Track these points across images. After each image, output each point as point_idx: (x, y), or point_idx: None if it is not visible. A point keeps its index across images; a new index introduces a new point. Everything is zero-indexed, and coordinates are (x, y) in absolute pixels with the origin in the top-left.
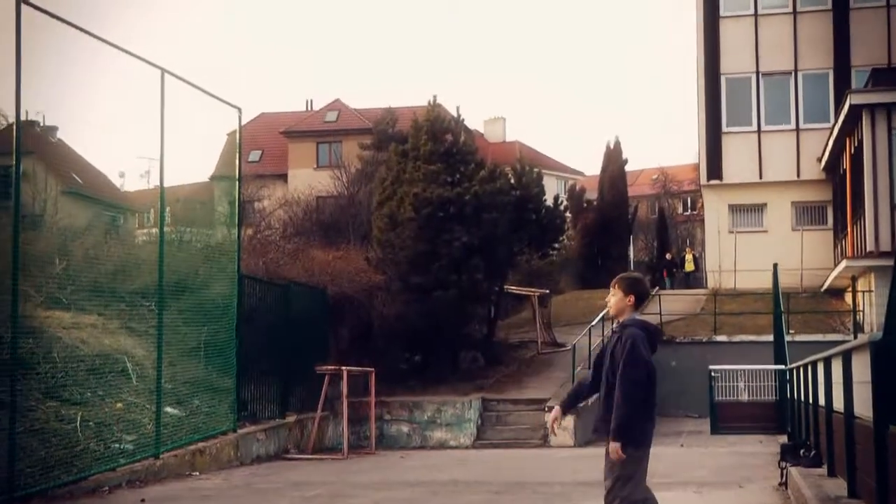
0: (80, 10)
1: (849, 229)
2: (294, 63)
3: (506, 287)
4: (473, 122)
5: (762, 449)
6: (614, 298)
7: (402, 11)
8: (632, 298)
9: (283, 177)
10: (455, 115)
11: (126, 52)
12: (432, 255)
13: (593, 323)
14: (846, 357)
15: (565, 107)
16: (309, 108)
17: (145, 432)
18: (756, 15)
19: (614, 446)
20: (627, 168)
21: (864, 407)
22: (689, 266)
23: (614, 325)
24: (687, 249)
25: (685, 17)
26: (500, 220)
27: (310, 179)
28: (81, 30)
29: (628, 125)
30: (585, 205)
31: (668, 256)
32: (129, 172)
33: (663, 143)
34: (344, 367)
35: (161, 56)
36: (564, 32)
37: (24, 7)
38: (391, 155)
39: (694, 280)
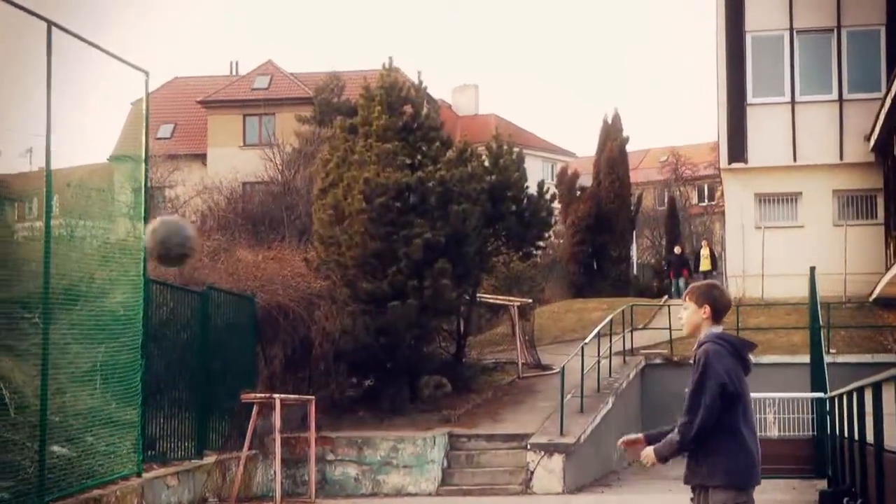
0: None
1: None
2: (216, 16)
3: (479, 296)
4: (439, 90)
5: (796, 497)
6: (687, 313)
7: None
8: (707, 310)
9: (202, 157)
10: (416, 81)
11: None
12: (387, 256)
13: (587, 340)
14: None
15: (552, 73)
16: (234, 72)
17: (25, 477)
18: None
19: (647, 453)
20: (629, 148)
21: None
22: (706, 264)
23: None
24: (703, 243)
25: None
26: (472, 213)
27: (234, 160)
28: None
29: (630, 95)
30: (578, 193)
31: (677, 251)
32: (7, 150)
33: (674, 117)
34: (276, 395)
35: (51, 9)
36: None
37: None
38: (336, 131)
39: None
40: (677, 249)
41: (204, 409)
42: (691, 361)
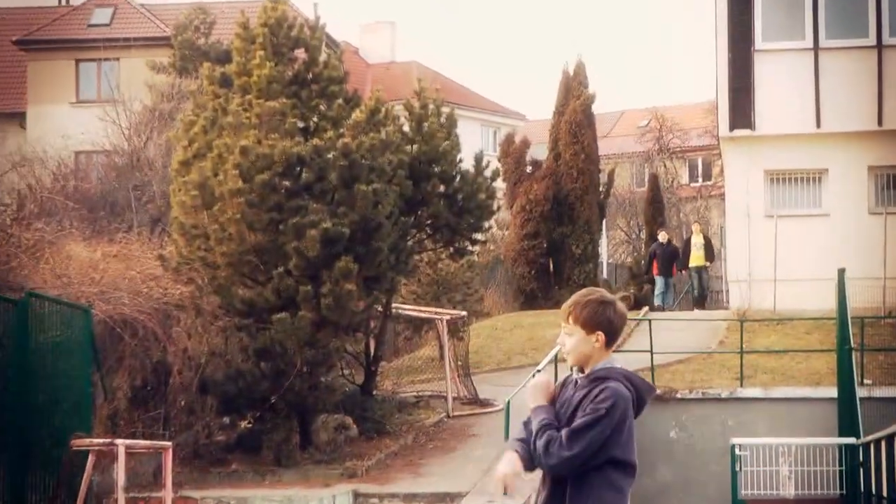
0: None
1: None
2: None
3: (395, 306)
4: (343, 30)
5: None
6: (571, 339)
7: None
8: (600, 337)
9: (19, 117)
10: (311, 17)
11: None
12: (272, 252)
13: (540, 366)
14: None
15: (494, 9)
16: (63, 2)
17: None
18: None
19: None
20: (598, 109)
21: None
22: (698, 258)
23: (576, 375)
24: (695, 227)
25: None
26: (387, 194)
27: (65, 123)
28: None
29: (599, 39)
30: (529, 169)
31: (662, 238)
32: None
33: (657, 68)
34: (120, 441)
35: None
36: None
37: None
38: (203, 83)
39: (706, 287)
40: (663, 236)
41: (21, 458)
42: (584, 394)
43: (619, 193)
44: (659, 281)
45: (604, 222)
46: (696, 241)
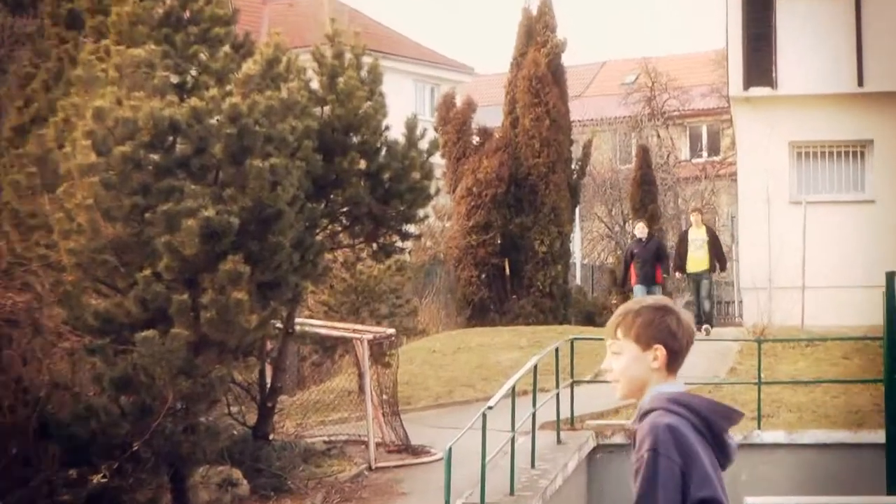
0: None
1: None
2: None
3: (299, 322)
4: None
5: None
6: (620, 360)
7: None
8: (661, 353)
9: None
10: None
11: None
12: (136, 250)
13: (493, 402)
14: None
15: None
16: None
17: None
18: None
19: None
20: (569, 60)
21: None
22: (699, 260)
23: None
24: (694, 216)
25: None
26: (289, 173)
27: None
28: None
29: None
30: (477, 140)
31: (640, 232)
32: None
33: (648, 9)
34: None
35: None
36: None
37: None
38: (45, 23)
39: (711, 299)
40: (640, 229)
41: None
42: (629, 441)
43: (597, 172)
44: (638, 292)
45: (577, 210)
46: (696, 235)
